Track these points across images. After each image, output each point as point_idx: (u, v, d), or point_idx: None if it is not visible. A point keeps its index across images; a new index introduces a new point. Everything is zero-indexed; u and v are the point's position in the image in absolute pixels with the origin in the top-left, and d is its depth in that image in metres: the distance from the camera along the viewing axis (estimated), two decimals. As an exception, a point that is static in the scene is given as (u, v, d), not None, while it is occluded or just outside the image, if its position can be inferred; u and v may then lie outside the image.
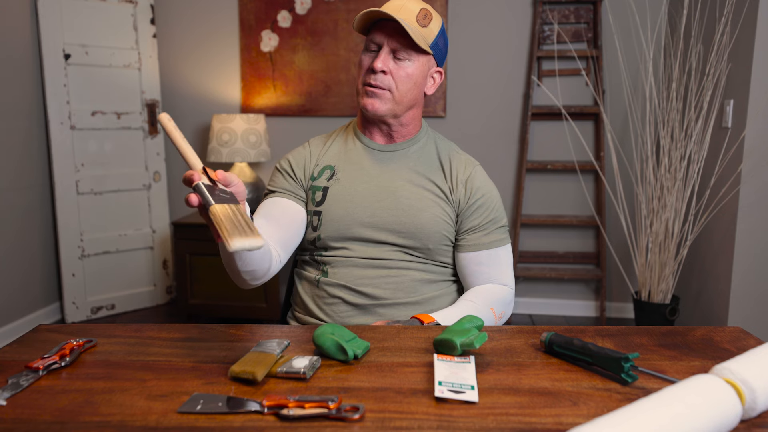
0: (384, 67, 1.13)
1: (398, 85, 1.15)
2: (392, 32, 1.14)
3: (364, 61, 1.18)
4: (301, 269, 1.28)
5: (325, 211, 1.20)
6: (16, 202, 2.84)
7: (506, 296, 1.21)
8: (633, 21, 3.00)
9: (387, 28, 1.14)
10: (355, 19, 1.16)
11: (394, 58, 1.15)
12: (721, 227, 2.51)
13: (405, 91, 1.16)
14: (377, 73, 1.14)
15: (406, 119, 1.22)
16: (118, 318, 3.17)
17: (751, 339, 0.99)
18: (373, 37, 1.16)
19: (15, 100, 2.81)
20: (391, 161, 1.23)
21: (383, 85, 1.15)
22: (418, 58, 1.16)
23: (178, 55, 3.35)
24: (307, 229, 1.22)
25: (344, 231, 1.19)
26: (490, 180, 1.27)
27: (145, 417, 0.72)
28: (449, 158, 1.25)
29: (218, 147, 3.00)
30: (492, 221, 1.22)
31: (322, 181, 1.22)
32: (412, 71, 1.16)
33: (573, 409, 0.73)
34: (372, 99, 1.16)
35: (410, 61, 1.15)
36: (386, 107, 1.17)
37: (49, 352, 0.88)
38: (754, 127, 2.32)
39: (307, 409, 0.71)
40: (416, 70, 1.16)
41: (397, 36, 1.13)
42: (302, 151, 1.27)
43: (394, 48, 1.14)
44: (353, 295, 1.18)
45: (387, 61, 1.14)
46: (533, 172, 3.20)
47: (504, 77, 3.15)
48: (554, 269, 3.15)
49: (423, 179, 1.22)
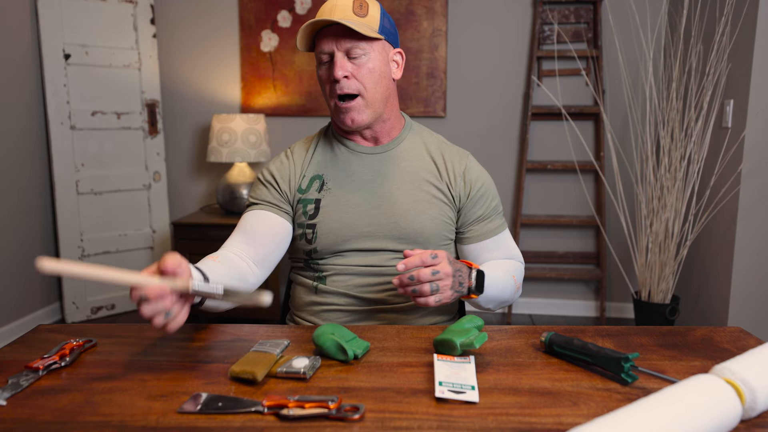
0: (344, 72, 1.09)
1: (365, 84, 1.11)
2: (337, 35, 1.09)
3: (322, 75, 1.13)
4: (297, 275, 1.24)
5: (319, 224, 1.16)
6: (16, 202, 2.84)
7: (520, 267, 1.25)
8: (633, 21, 3.00)
9: (330, 34, 1.10)
10: (297, 40, 1.12)
11: (349, 59, 1.10)
12: (721, 227, 2.51)
13: (374, 87, 1.12)
14: (340, 81, 1.09)
15: (386, 114, 1.18)
16: (118, 318, 3.17)
17: (751, 339, 0.99)
18: (321, 48, 1.11)
19: (15, 100, 2.81)
20: (380, 164, 1.19)
21: (351, 90, 1.10)
22: (372, 48, 1.11)
23: (178, 55, 3.35)
24: (301, 241, 1.18)
25: (341, 243, 1.15)
26: (483, 168, 1.25)
27: (145, 417, 0.72)
28: (441, 153, 1.21)
29: (218, 147, 3.00)
30: (494, 209, 1.23)
31: (313, 193, 1.18)
32: (373, 65, 1.11)
33: (573, 409, 0.73)
34: (349, 114, 1.12)
35: (366, 55, 1.10)
36: (365, 116, 1.13)
37: (49, 352, 0.88)
38: (754, 127, 2.32)
39: (307, 409, 0.71)
40: (376, 61, 1.12)
41: (343, 37, 1.09)
42: (285, 162, 1.22)
43: (345, 50, 1.09)
44: (353, 303, 1.16)
45: (345, 65, 1.09)
46: (533, 172, 3.20)
47: (504, 77, 3.15)
48: (554, 269, 3.15)
49: (417, 179, 1.18)
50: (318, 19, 1.08)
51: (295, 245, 1.21)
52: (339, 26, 1.09)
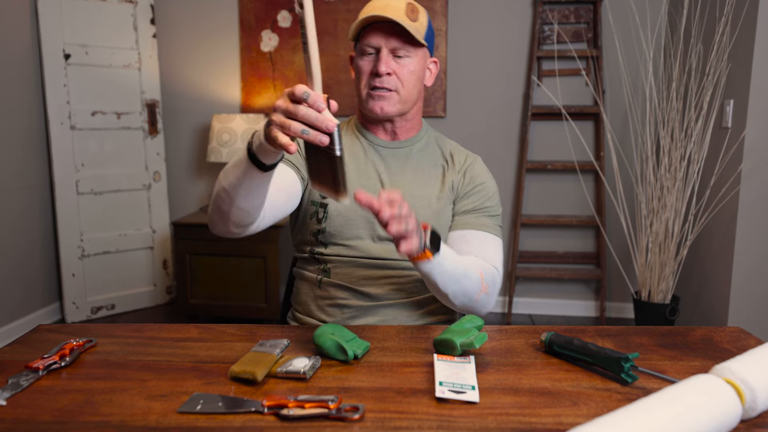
0: (388, 69, 1.14)
1: (404, 84, 1.16)
2: (388, 33, 1.14)
3: (363, 66, 1.17)
4: (300, 269, 1.26)
5: (331, 204, 1.19)
6: (16, 202, 2.84)
7: (494, 274, 1.13)
8: (633, 21, 3.00)
9: (381, 30, 1.14)
10: (352, 29, 1.16)
11: (394, 57, 1.15)
12: (721, 227, 2.51)
13: (410, 88, 1.17)
14: (382, 76, 1.14)
15: (411, 114, 1.23)
16: (118, 318, 3.17)
17: (751, 339, 0.99)
18: (369, 41, 1.15)
19: (15, 100, 2.81)
20: (395, 159, 1.24)
21: (390, 86, 1.15)
22: (416, 53, 1.16)
23: (178, 55, 3.35)
24: (312, 220, 1.21)
25: (348, 228, 1.18)
26: (491, 174, 1.27)
27: (145, 417, 0.72)
28: (451, 154, 1.27)
29: (218, 147, 3.00)
30: (486, 209, 1.21)
31: None
32: (414, 67, 1.16)
33: (573, 409, 0.73)
34: (380, 102, 1.16)
35: (410, 58, 1.16)
36: (395, 108, 1.17)
37: (49, 352, 0.88)
38: (754, 127, 2.32)
39: (307, 409, 0.71)
40: (417, 65, 1.17)
41: (394, 35, 1.14)
42: None
43: (392, 48, 1.14)
44: (355, 297, 1.18)
45: (390, 63, 1.14)
46: (533, 172, 3.20)
47: (504, 77, 3.15)
48: (554, 269, 3.15)
49: (427, 176, 1.22)
50: (378, 14, 1.10)
51: (304, 227, 1.22)
52: (389, 24, 1.13)
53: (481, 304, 1.10)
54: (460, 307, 1.10)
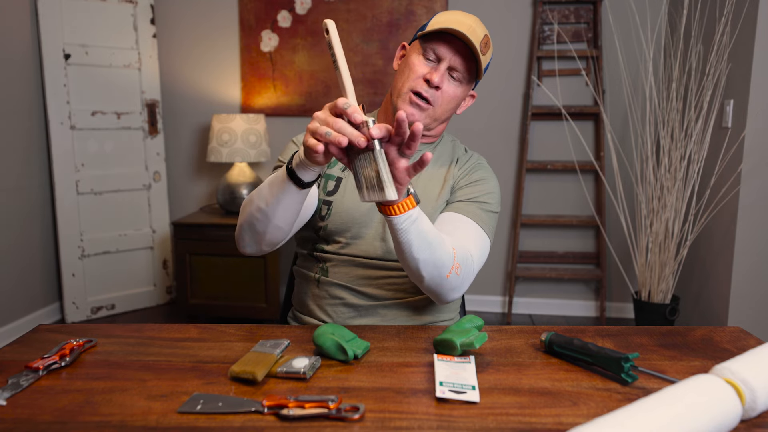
0: (440, 83, 1.12)
1: (442, 103, 1.15)
2: (457, 51, 1.12)
3: (417, 66, 1.14)
4: (300, 267, 1.26)
5: (335, 201, 1.18)
6: (16, 202, 2.84)
7: (468, 258, 1.06)
8: (633, 21, 3.00)
9: (453, 45, 1.12)
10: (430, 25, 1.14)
11: (449, 75, 1.14)
12: (721, 227, 2.51)
13: (445, 110, 1.16)
14: (431, 86, 1.12)
15: (434, 132, 1.23)
16: (118, 318, 3.17)
17: (751, 339, 0.99)
18: (436, 48, 1.13)
19: (15, 100, 2.81)
20: None
21: (430, 98, 1.13)
22: (466, 81, 1.16)
23: (178, 55, 3.35)
24: (315, 216, 1.20)
25: (351, 225, 1.17)
26: (495, 176, 1.26)
27: (145, 417, 0.72)
28: (458, 155, 1.27)
29: (218, 147, 3.00)
30: (481, 202, 1.18)
31: (336, 171, 1.21)
32: (458, 93, 1.16)
33: (573, 409, 0.73)
34: (413, 108, 1.14)
35: (460, 84, 1.15)
36: (423, 122, 1.17)
37: (49, 352, 0.88)
38: (754, 127, 2.32)
39: (307, 409, 0.71)
40: (461, 93, 1.16)
41: (461, 56, 1.12)
42: None
43: (452, 66, 1.13)
44: (354, 296, 1.17)
45: (443, 78, 1.13)
46: (533, 172, 3.20)
47: (504, 77, 3.15)
48: (554, 269, 3.15)
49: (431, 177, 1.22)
50: (462, 31, 1.08)
51: (308, 223, 1.21)
52: (462, 44, 1.11)
53: (451, 287, 1.03)
54: (428, 281, 1.01)
